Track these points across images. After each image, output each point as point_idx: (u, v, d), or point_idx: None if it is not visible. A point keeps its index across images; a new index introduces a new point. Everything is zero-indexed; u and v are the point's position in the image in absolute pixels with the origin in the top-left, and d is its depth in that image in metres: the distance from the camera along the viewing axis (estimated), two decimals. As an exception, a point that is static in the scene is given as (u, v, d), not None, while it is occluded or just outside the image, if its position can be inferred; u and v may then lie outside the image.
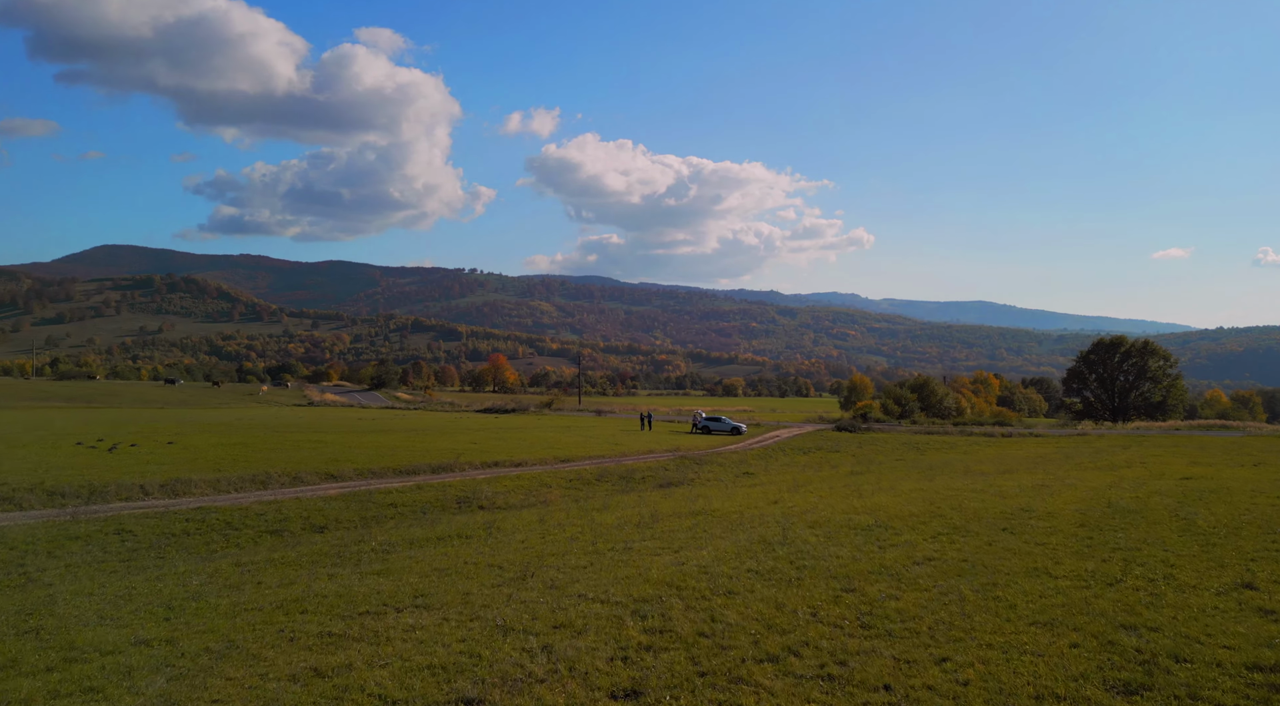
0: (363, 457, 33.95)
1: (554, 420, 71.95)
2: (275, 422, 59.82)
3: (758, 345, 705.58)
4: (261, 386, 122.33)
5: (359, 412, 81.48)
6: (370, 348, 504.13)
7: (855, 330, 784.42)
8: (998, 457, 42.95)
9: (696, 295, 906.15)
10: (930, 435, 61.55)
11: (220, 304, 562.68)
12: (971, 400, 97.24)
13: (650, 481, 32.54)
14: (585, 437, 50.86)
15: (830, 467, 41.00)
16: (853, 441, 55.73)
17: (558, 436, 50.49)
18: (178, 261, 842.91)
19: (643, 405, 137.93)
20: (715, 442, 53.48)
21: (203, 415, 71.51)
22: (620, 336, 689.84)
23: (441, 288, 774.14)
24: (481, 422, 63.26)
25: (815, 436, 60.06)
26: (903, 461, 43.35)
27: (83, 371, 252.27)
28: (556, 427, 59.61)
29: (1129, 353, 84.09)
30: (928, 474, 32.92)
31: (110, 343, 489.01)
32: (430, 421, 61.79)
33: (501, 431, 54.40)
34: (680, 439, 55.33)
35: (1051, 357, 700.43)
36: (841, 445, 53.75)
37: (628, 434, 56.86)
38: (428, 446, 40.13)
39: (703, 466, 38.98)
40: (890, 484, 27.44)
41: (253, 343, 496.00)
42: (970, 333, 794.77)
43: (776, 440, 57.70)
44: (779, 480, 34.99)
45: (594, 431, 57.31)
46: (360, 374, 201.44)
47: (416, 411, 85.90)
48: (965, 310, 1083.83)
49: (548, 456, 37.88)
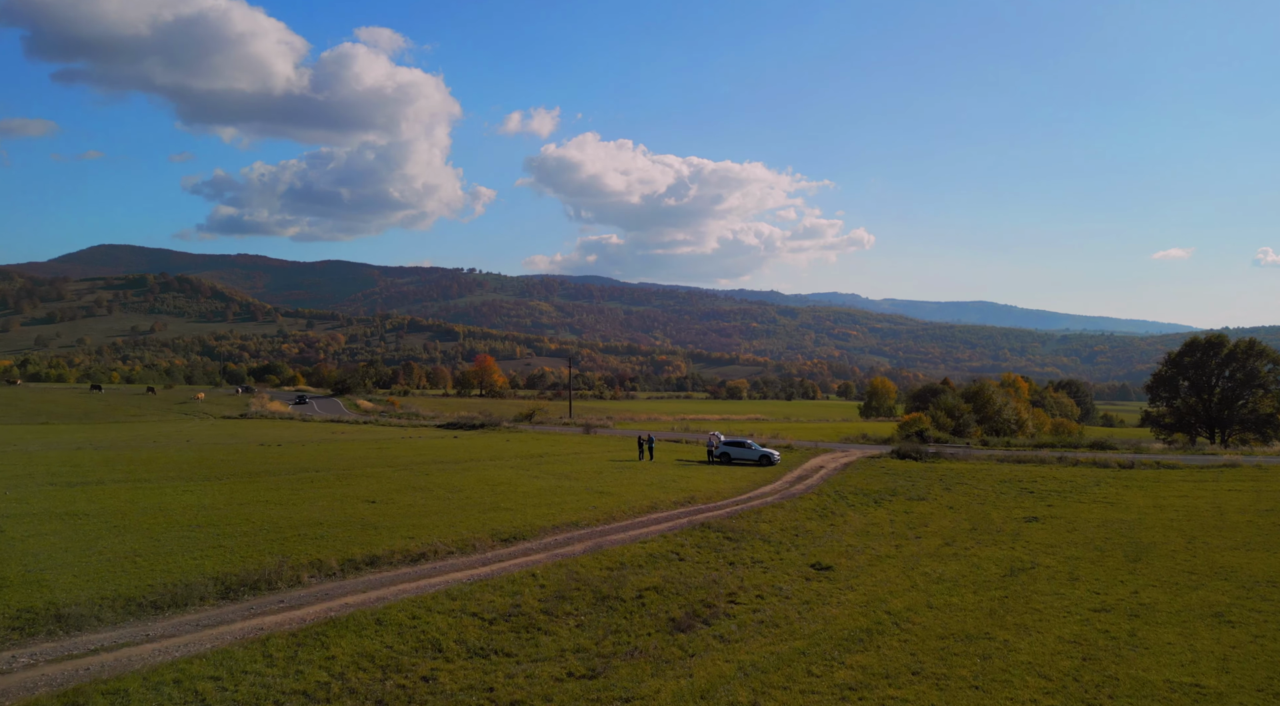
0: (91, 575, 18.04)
1: (527, 442, 55.70)
2: (104, 460, 43.83)
3: (758, 345, 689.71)
4: (198, 392, 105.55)
5: (275, 430, 65.14)
6: (365, 348, 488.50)
7: (856, 330, 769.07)
8: (1190, 515, 27.10)
9: (696, 295, 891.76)
10: (1021, 463, 45.65)
11: (214, 304, 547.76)
12: (1031, 411, 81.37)
13: (654, 608, 16.58)
14: (557, 479, 34.92)
15: (943, 542, 25.02)
16: (927, 477, 39.81)
17: (516, 479, 34.53)
18: (175, 261, 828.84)
19: (641, 412, 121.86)
20: (742, 481, 37.62)
21: (60, 436, 55.88)
22: (620, 336, 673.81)
23: (440, 287, 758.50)
24: (420, 450, 46.94)
25: (872, 468, 44.08)
26: (1035, 520, 27.35)
27: (54, 373, 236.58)
28: (523, 459, 43.60)
29: (1232, 355, 68.21)
30: (1120, 562, 18.40)
31: (101, 343, 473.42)
32: (340, 454, 43.72)
33: (436, 467, 38.35)
34: (693, 476, 39.37)
35: (1055, 358, 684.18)
36: (916, 483, 37.83)
37: (620, 468, 40.86)
38: (263, 521, 23.70)
39: (740, 546, 23.13)
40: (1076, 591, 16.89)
41: (246, 343, 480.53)
42: (973, 333, 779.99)
43: (822, 474, 41.68)
44: (877, 577, 19.34)
45: (574, 465, 41.30)
46: (324, 374, 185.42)
47: (360, 426, 69.81)
48: (966, 310, 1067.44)
49: (479, 533, 21.88)
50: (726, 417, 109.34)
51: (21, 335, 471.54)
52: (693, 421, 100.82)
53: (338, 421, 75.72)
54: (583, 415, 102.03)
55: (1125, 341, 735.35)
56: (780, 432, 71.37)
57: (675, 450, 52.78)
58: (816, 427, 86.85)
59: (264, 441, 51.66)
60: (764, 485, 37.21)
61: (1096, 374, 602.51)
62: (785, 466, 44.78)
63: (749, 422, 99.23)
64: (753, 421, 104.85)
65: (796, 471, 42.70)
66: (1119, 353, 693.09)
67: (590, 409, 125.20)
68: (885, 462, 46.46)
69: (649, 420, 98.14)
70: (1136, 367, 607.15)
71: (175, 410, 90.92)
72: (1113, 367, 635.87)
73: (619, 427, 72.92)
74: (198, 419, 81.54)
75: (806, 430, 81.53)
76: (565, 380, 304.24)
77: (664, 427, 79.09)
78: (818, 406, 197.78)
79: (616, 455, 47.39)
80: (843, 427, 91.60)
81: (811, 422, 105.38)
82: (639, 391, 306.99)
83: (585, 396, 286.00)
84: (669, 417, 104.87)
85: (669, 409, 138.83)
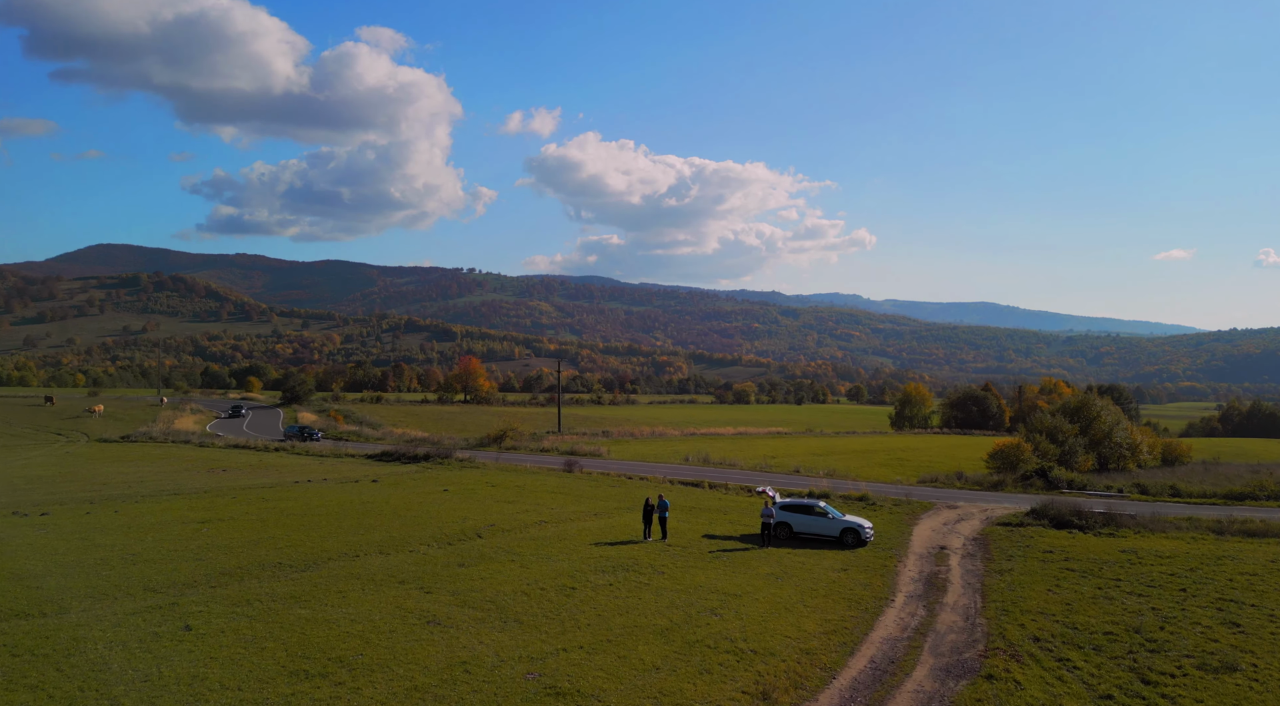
0: None
1: (469, 495, 36.65)
2: None
3: (760, 346, 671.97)
4: (95, 406, 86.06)
5: (126, 466, 47.05)
6: (361, 348, 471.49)
7: (859, 331, 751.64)
8: None
9: (698, 295, 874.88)
10: (1265, 536, 27.98)
11: (209, 303, 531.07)
12: (1142, 432, 63.27)
13: None
14: (477, 625, 17.16)
15: None
16: (1165, 589, 21.92)
17: (400, 629, 16.74)
18: (173, 260, 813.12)
19: (643, 422, 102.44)
20: (828, 601, 19.86)
21: None
22: (620, 337, 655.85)
23: (439, 287, 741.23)
24: (255, 532, 28.54)
25: (1033, 556, 26.14)
26: None
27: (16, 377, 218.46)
28: (434, 553, 25.28)
29: None
30: None
31: (91, 343, 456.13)
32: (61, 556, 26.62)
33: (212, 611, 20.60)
34: (746, 597, 21.31)
35: (1061, 359, 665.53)
36: (1160, 602, 20.09)
37: (610, 582, 22.38)
38: None
39: None
40: None
41: (239, 343, 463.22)
42: (976, 333, 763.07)
43: (960, 574, 23.67)
44: None
45: (524, 572, 23.07)
46: (309, 376, 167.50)
47: (261, 454, 51.51)
48: (968, 311, 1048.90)
49: None
50: (742, 432, 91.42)
51: (10, 335, 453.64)
52: (704, 436, 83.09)
53: (243, 447, 57.12)
54: (574, 427, 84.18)
55: (1131, 343, 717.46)
56: (828, 464, 53.27)
57: (698, 508, 34.57)
58: (863, 450, 68.79)
59: (45, 501, 33.64)
60: (880, 615, 19.35)
61: (1103, 375, 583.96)
62: (886, 547, 26.92)
63: (772, 439, 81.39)
64: (774, 436, 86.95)
65: (911, 564, 24.80)
66: (1125, 354, 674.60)
67: (586, 418, 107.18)
68: (1037, 537, 28.51)
69: (653, 435, 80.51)
70: (1144, 369, 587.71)
71: (52, 426, 72.96)
72: (1120, 369, 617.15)
73: (615, 457, 54.58)
74: (63, 442, 63.58)
75: (852, 455, 63.54)
76: (566, 381, 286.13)
77: (670, 451, 61.12)
78: (835, 412, 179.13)
79: (607, 527, 29.22)
80: (895, 447, 73.68)
81: (846, 438, 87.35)
82: (640, 394, 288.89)
83: (583, 401, 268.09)
84: (675, 431, 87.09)
85: (674, 418, 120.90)
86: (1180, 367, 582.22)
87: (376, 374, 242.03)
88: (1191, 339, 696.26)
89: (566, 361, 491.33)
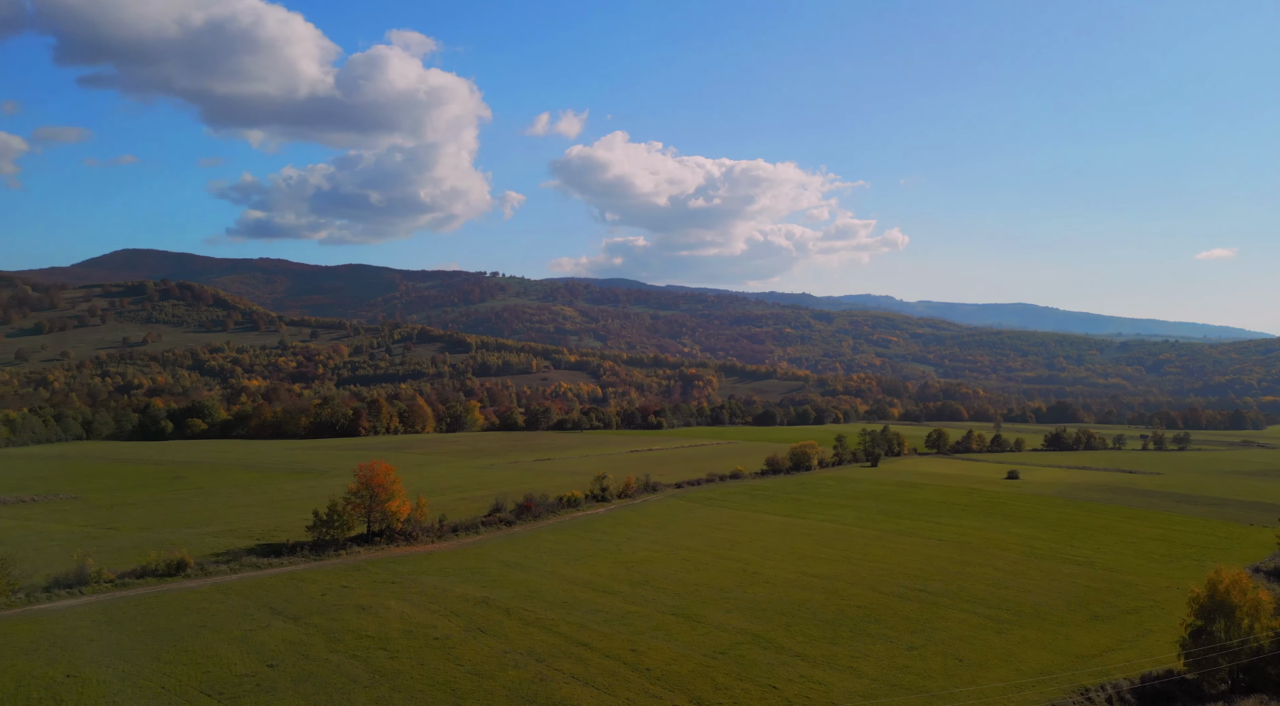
0: None
1: None
2: None
3: (793, 352, 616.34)
4: None
5: None
6: (369, 362, 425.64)
7: (896, 336, 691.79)
8: None
9: (726, 298, 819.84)
10: None
11: (215, 312, 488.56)
12: None
13: None
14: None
15: None
16: None
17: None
18: (197, 265, 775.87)
19: (681, 537, 52.07)
20: None
21: None
22: (646, 343, 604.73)
23: (461, 292, 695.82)
24: None
25: None
26: None
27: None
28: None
29: None
30: None
31: (86, 356, 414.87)
32: None
33: None
34: None
35: (1118, 368, 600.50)
36: None
37: None
38: None
39: None
40: None
41: (240, 356, 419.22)
42: (1023, 339, 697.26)
43: None
44: None
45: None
46: (262, 417, 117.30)
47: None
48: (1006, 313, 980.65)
49: None
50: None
51: (3, 348, 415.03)
52: None
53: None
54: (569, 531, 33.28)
55: (1193, 349, 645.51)
56: None
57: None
58: None
59: None
60: None
61: (1167, 386, 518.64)
62: None
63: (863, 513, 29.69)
64: None
65: None
66: (1188, 362, 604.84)
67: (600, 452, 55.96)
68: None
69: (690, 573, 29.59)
70: (1214, 380, 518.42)
71: None
72: (1184, 379, 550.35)
73: None
74: None
75: None
76: (574, 416, 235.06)
77: None
78: (928, 482, 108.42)
79: None
80: None
81: None
82: (666, 424, 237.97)
83: (597, 427, 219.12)
84: (732, 564, 35.97)
85: (700, 465, 68.38)
86: (1254, 378, 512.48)
87: (347, 413, 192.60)
88: (1259, 345, 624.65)
89: (587, 374, 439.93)
